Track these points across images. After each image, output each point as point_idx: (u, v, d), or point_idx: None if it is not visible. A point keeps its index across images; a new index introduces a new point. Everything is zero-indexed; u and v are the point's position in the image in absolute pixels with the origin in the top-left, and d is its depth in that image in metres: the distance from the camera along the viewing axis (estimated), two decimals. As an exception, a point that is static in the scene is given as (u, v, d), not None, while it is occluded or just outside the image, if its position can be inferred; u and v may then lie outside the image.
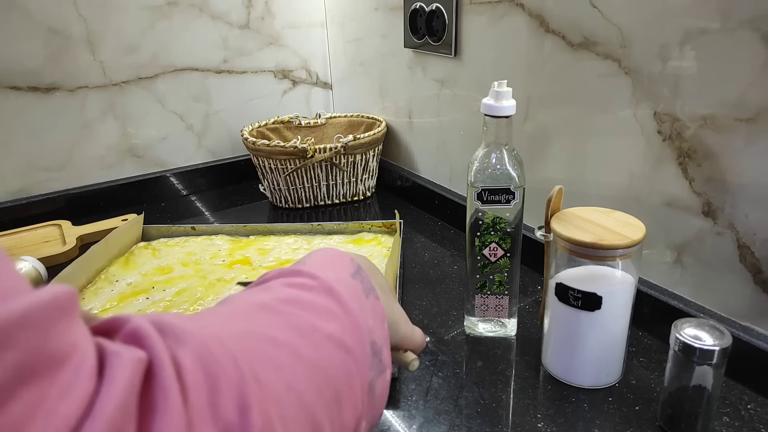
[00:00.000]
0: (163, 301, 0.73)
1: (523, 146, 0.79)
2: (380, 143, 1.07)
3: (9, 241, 0.91)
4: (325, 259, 0.39)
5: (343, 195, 1.07)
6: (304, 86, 1.25)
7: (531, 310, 0.72)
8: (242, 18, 1.12)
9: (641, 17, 0.62)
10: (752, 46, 0.53)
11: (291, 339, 0.30)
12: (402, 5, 0.96)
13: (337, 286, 0.35)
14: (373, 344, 0.35)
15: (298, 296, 0.33)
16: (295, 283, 0.35)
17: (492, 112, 0.58)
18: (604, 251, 0.53)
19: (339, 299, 0.34)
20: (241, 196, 1.13)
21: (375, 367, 0.35)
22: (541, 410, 0.56)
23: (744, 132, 0.56)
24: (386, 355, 0.36)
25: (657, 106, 0.63)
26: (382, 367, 0.36)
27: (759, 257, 0.57)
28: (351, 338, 0.33)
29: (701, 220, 0.61)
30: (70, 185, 1.04)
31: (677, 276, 0.65)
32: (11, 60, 0.93)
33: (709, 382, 0.49)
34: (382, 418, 0.55)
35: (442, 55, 0.91)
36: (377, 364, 0.35)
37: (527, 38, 0.76)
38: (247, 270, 0.80)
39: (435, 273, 0.82)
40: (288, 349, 0.29)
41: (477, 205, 0.61)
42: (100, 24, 0.99)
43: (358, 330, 0.34)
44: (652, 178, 0.65)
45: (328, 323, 0.32)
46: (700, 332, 0.48)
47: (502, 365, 0.63)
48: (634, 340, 0.65)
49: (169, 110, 1.10)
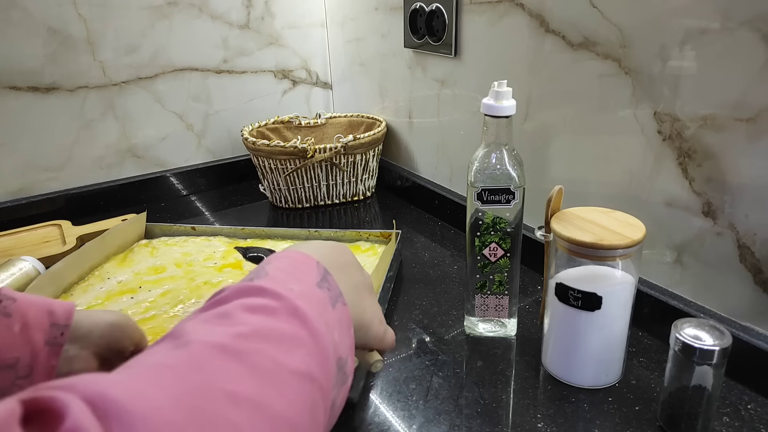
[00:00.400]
0: (146, 302, 0.72)
1: (523, 146, 0.79)
2: (380, 143, 1.07)
3: (9, 241, 0.91)
4: (289, 268, 0.37)
5: (343, 195, 1.07)
6: (304, 86, 1.25)
7: (531, 310, 0.72)
8: (242, 18, 1.12)
9: (641, 17, 0.62)
10: (752, 46, 0.53)
11: (252, 391, 0.27)
12: (402, 5, 0.96)
13: (303, 304, 0.33)
14: (339, 359, 0.34)
15: (260, 326, 0.31)
16: (256, 306, 0.32)
17: (492, 112, 0.58)
18: (604, 251, 0.53)
19: (304, 320, 0.32)
20: (241, 196, 1.13)
21: (338, 381, 0.34)
22: (541, 410, 0.56)
23: (744, 132, 0.56)
24: (350, 364, 0.36)
25: (657, 106, 0.63)
26: (344, 379, 0.35)
27: (759, 257, 0.57)
28: (317, 365, 0.31)
29: (701, 220, 0.61)
30: (70, 185, 1.04)
31: (677, 276, 0.65)
32: (11, 60, 0.93)
33: (709, 382, 0.49)
34: (382, 417, 0.55)
35: (442, 55, 0.91)
36: (341, 378, 0.34)
37: (527, 38, 0.76)
38: (238, 275, 0.80)
39: (435, 273, 0.82)
40: (249, 406, 0.27)
41: (477, 205, 0.61)
42: (100, 24, 0.99)
43: (324, 354, 0.32)
44: (652, 178, 0.65)
45: (294, 354, 0.30)
46: (700, 332, 0.48)
47: (502, 365, 0.63)
48: (634, 340, 0.65)
49: (169, 110, 1.10)
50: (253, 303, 0.32)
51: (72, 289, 0.76)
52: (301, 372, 0.30)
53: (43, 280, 0.72)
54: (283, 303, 0.32)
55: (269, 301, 0.32)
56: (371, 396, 0.58)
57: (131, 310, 0.71)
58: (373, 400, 0.58)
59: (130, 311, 0.71)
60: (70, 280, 0.76)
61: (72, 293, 0.75)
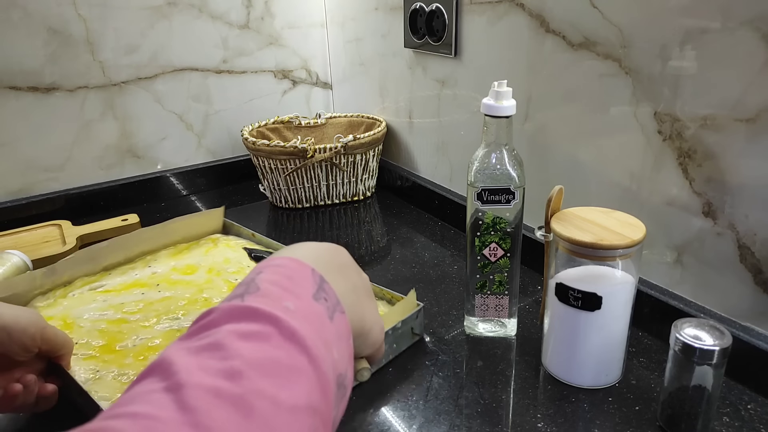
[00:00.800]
0: (143, 302, 0.71)
1: (523, 146, 0.79)
2: (380, 143, 1.07)
3: (9, 241, 0.91)
4: (282, 280, 0.34)
5: (343, 195, 1.07)
6: (304, 86, 1.25)
7: (531, 310, 0.72)
8: (242, 18, 1.12)
9: (641, 17, 0.62)
10: (752, 46, 0.53)
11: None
12: (402, 5, 0.96)
13: (299, 325, 0.31)
14: (339, 376, 0.32)
15: (255, 356, 0.28)
16: (249, 333, 0.30)
17: (492, 112, 0.58)
18: (604, 251, 0.53)
19: (303, 346, 0.30)
20: (241, 196, 1.13)
21: (338, 398, 0.33)
22: (541, 410, 0.56)
23: (744, 132, 0.56)
24: (349, 376, 0.35)
25: (657, 106, 0.63)
26: (343, 392, 0.33)
27: (759, 257, 0.57)
28: (318, 393, 0.30)
29: (701, 220, 0.61)
30: (70, 185, 1.04)
31: (677, 276, 0.65)
32: (11, 60, 0.93)
33: (709, 382, 0.49)
34: (382, 417, 0.55)
35: (442, 55, 0.91)
36: (341, 394, 0.33)
37: (527, 38, 0.76)
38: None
39: (435, 273, 0.82)
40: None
41: (477, 205, 0.61)
42: (100, 24, 0.99)
43: (325, 379, 0.30)
44: (652, 178, 0.65)
45: (293, 386, 0.28)
46: (700, 332, 0.48)
47: (502, 365, 0.63)
48: (634, 340, 0.65)
49: (169, 110, 1.10)
50: (246, 329, 0.30)
51: (114, 269, 0.77)
52: (301, 407, 0.28)
53: (81, 255, 0.75)
54: (278, 327, 0.30)
55: (263, 326, 0.30)
56: (371, 396, 0.58)
57: (127, 308, 0.69)
58: (373, 400, 0.58)
59: (124, 309, 0.69)
60: (112, 260, 0.78)
61: (111, 273, 0.77)
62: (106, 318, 0.68)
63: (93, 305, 0.70)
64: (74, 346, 0.58)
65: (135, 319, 0.68)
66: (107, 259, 0.77)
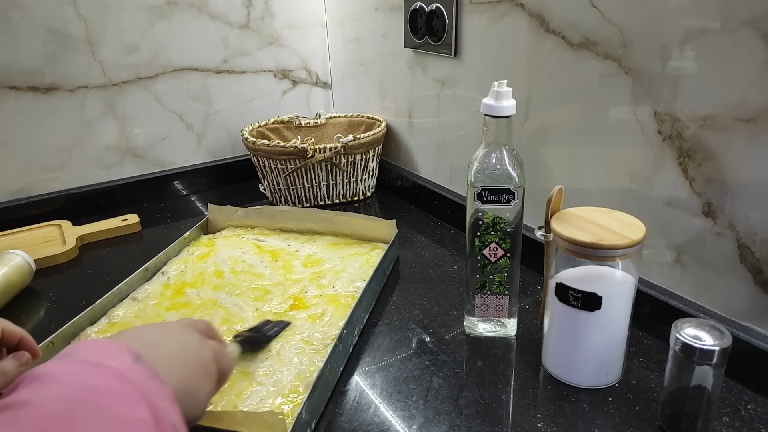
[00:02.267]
0: (255, 274, 0.80)
1: (523, 146, 0.79)
2: (380, 143, 1.08)
3: (9, 241, 0.91)
4: (99, 348, 0.37)
5: (343, 195, 1.07)
6: (304, 86, 1.25)
7: (531, 310, 0.72)
8: (242, 18, 1.12)
9: (641, 17, 0.62)
10: (752, 46, 0.53)
11: None
12: (402, 5, 0.96)
13: (128, 372, 0.34)
14: (173, 427, 0.34)
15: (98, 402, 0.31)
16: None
17: (492, 112, 0.58)
18: (604, 251, 0.53)
19: (134, 384, 0.33)
20: (241, 196, 1.13)
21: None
22: (541, 410, 0.56)
23: (744, 132, 0.56)
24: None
25: (657, 106, 0.63)
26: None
27: (759, 257, 0.57)
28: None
29: (701, 220, 0.61)
30: (70, 185, 1.04)
31: (677, 276, 0.65)
32: (11, 60, 0.93)
33: (709, 382, 0.49)
34: (382, 417, 0.55)
35: (442, 55, 0.91)
36: None
37: (527, 38, 0.76)
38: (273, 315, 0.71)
39: (435, 273, 0.82)
40: None
41: (477, 205, 0.61)
42: (100, 24, 0.99)
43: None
44: (652, 178, 0.65)
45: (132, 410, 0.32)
46: (700, 332, 0.48)
47: (502, 365, 0.63)
48: (634, 340, 0.65)
49: (169, 110, 1.10)
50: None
51: (284, 233, 0.91)
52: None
53: (266, 211, 0.92)
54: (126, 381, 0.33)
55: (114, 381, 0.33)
56: (371, 396, 0.58)
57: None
58: (373, 400, 0.58)
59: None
60: (286, 224, 0.91)
61: (280, 235, 0.90)
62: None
63: (238, 251, 0.85)
64: None
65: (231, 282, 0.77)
66: (282, 222, 0.91)
